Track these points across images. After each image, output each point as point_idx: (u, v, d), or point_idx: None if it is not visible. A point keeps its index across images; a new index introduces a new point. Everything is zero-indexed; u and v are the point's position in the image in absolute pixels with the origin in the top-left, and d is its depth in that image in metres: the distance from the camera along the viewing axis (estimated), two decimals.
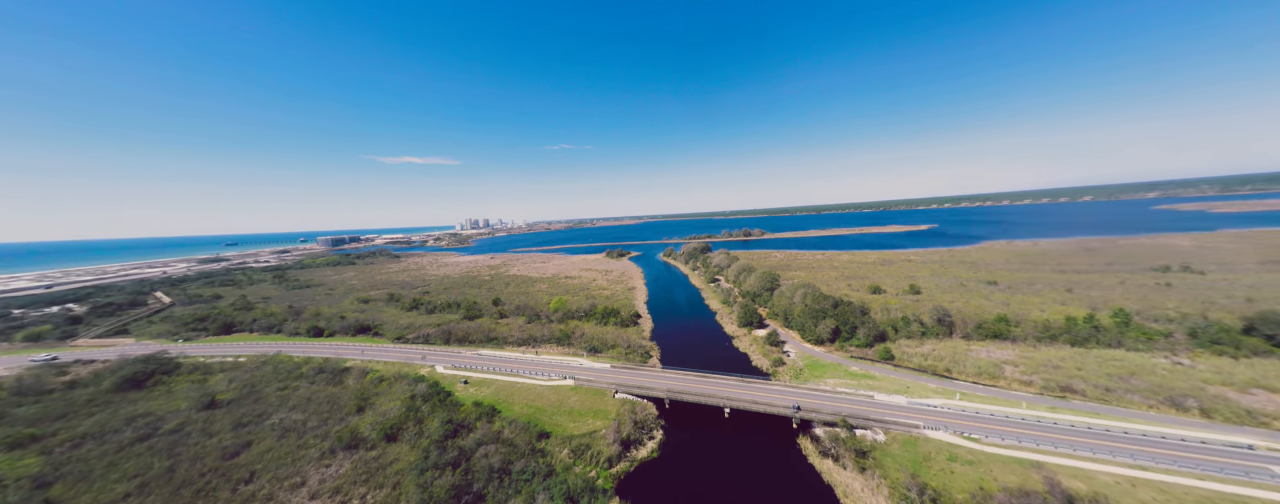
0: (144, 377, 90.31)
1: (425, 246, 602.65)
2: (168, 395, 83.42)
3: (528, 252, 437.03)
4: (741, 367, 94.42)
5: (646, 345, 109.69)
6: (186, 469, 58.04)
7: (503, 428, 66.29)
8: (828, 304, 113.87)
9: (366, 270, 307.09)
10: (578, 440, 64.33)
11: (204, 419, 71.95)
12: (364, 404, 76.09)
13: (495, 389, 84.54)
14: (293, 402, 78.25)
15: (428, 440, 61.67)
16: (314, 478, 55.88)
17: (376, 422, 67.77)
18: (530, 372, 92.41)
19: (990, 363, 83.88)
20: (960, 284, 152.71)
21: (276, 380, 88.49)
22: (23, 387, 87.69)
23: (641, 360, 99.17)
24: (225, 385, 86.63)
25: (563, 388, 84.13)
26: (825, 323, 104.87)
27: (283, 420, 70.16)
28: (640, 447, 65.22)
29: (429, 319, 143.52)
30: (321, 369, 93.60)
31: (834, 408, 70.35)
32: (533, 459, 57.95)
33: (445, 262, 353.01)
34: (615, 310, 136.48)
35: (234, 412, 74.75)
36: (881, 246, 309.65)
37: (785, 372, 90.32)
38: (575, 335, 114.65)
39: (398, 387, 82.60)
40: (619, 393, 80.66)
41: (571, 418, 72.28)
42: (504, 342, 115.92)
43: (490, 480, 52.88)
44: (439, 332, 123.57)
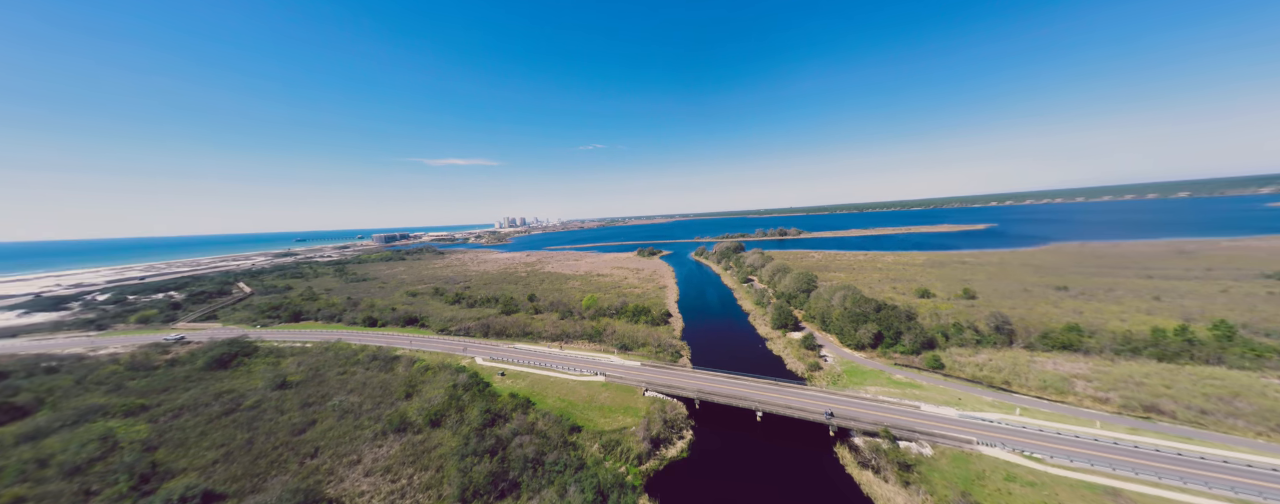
0: (229, 358, 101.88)
1: (467, 244, 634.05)
2: (247, 375, 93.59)
3: (561, 249, 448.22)
4: (775, 370, 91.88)
5: (677, 345, 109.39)
6: (262, 442, 64.96)
7: (537, 420, 68.69)
8: (869, 307, 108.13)
9: (414, 265, 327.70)
10: (608, 436, 65.42)
11: (277, 398, 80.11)
12: (412, 391, 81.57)
13: (530, 382, 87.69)
14: (350, 385, 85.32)
15: (468, 428, 65.09)
16: (368, 457, 60.73)
17: (422, 408, 72.44)
18: (563, 366, 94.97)
19: (1057, 376, 76.21)
20: (1023, 289, 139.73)
21: (337, 365, 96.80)
22: (135, 363, 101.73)
23: (672, 360, 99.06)
24: (294, 368, 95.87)
25: (594, 384, 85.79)
26: (866, 327, 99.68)
27: (342, 402, 76.69)
28: (670, 446, 65.29)
29: (470, 313, 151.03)
30: (375, 357, 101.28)
31: (875, 417, 66.85)
32: (565, 452, 59.65)
33: (485, 258, 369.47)
34: (646, 309, 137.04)
35: (302, 392, 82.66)
36: (931, 247, 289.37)
37: (822, 377, 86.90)
38: (606, 333, 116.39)
39: (441, 376, 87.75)
40: (649, 391, 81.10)
41: (602, 413, 73.59)
42: (538, 336, 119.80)
43: (525, 470, 55.03)
44: (479, 325, 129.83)
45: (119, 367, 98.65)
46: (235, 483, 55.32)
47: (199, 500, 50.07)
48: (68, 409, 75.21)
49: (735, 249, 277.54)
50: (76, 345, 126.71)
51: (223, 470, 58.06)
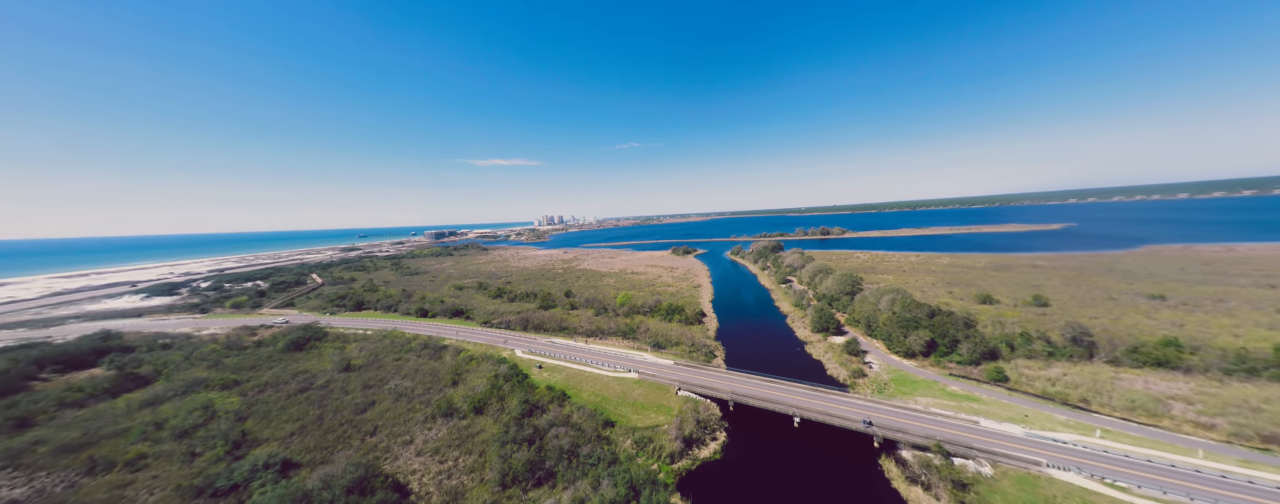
0: (304, 341, 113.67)
1: (508, 241, 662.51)
2: (318, 358, 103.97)
3: (597, 247, 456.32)
4: (814, 375, 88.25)
5: (711, 345, 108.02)
6: (330, 418, 72.01)
7: (572, 413, 70.72)
8: (921, 313, 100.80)
9: (461, 261, 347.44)
10: (640, 433, 66.05)
11: (342, 379, 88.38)
12: (457, 379, 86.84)
13: (566, 376, 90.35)
14: (404, 371, 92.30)
15: (508, 417, 68.32)
16: (419, 438, 65.52)
17: (467, 395, 76.94)
18: (597, 362, 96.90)
19: (1149, 397, 67.12)
20: (1108, 296, 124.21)
21: (393, 352, 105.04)
22: (230, 343, 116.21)
23: (706, 360, 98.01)
24: (357, 353, 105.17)
25: (627, 380, 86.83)
26: (918, 334, 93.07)
27: (397, 386, 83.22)
28: (702, 446, 64.80)
29: (510, 307, 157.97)
30: (426, 345, 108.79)
31: (926, 430, 62.43)
32: (598, 445, 60.99)
33: (524, 255, 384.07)
34: (680, 308, 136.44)
35: (363, 375, 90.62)
36: (995, 248, 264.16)
37: (866, 384, 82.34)
38: (640, 330, 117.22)
39: (484, 366, 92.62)
40: (681, 390, 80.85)
41: (635, 410, 74.39)
42: (574, 332, 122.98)
43: (561, 460, 56.92)
44: (518, 319, 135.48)
45: (217, 345, 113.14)
46: (308, 454, 61.80)
47: (279, 467, 56.46)
48: (178, 381, 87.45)
49: (773, 248, 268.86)
50: (185, 326, 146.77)
51: (298, 442, 65.05)
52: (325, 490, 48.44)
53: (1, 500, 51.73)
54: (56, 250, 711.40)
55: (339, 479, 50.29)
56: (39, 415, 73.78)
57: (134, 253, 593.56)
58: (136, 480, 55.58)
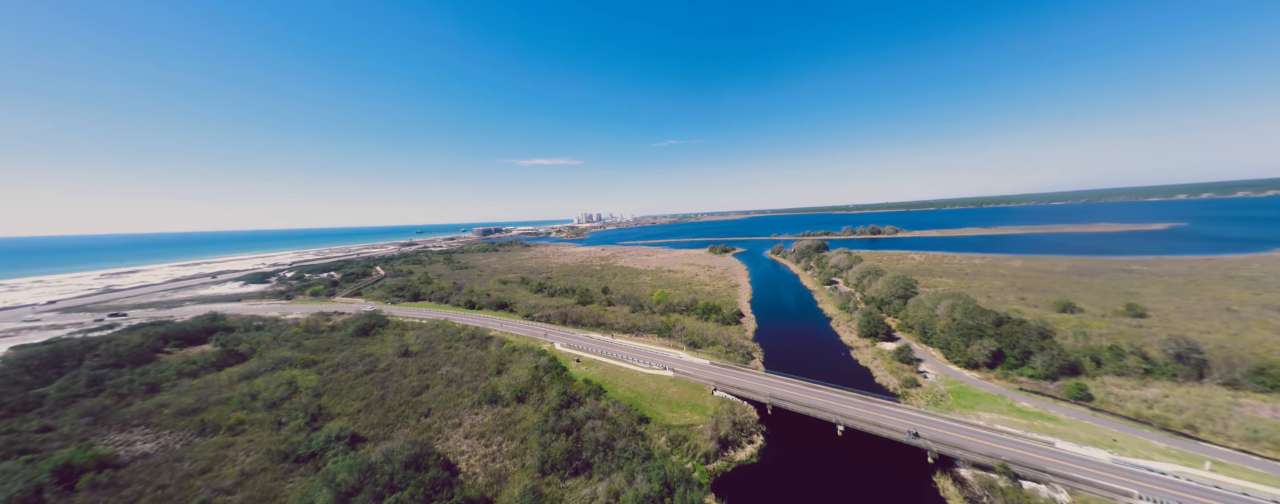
0: (369, 328, 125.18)
1: (549, 238, 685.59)
2: (381, 343, 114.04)
3: (634, 244, 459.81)
4: (861, 382, 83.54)
5: (749, 346, 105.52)
6: (390, 398, 78.90)
7: (608, 407, 72.24)
8: (986, 320, 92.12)
9: (505, 256, 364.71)
10: (675, 431, 66.15)
11: (401, 364, 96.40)
12: (501, 368, 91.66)
13: (602, 370, 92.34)
14: (454, 358, 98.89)
15: (547, 407, 71.13)
16: (467, 421, 70.07)
17: (510, 384, 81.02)
18: (633, 358, 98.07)
19: (1279, 427, 56.79)
20: (1226, 308, 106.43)
21: (444, 341, 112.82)
22: (309, 327, 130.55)
23: (743, 361, 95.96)
24: (414, 340, 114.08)
25: (662, 378, 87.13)
26: (982, 343, 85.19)
27: (448, 373, 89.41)
28: (738, 449, 63.72)
29: (550, 301, 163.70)
30: (473, 335, 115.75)
31: (989, 448, 57.19)
32: (633, 440, 61.87)
33: (564, 252, 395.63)
34: (717, 307, 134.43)
35: (419, 360, 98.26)
36: (1080, 251, 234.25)
37: (920, 395, 76.71)
38: (676, 328, 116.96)
39: (525, 357, 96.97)
40: (717, 390, 79.84)
41: (670, 408, 74.56)
42: (610, 328, 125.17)
43: (596, 452, 58.45)
44: (557, 313, 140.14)
45: (299, 329, 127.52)
46: (372, 429, 68.21)
47: (348, 440, 62.87)
48: (268, 358, 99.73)
49: (817, 248, 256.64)
50: (273, 310, 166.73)
51: (364, 418, 71.97)
52: (386, 464, 53.26)
53: (136, 452, 61.97)
54: (179, 242, 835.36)
55: (398, 454, 55.09)
56: (164, 382, 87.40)
57: (235, 245, 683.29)
58: (236, 443, 64.31)
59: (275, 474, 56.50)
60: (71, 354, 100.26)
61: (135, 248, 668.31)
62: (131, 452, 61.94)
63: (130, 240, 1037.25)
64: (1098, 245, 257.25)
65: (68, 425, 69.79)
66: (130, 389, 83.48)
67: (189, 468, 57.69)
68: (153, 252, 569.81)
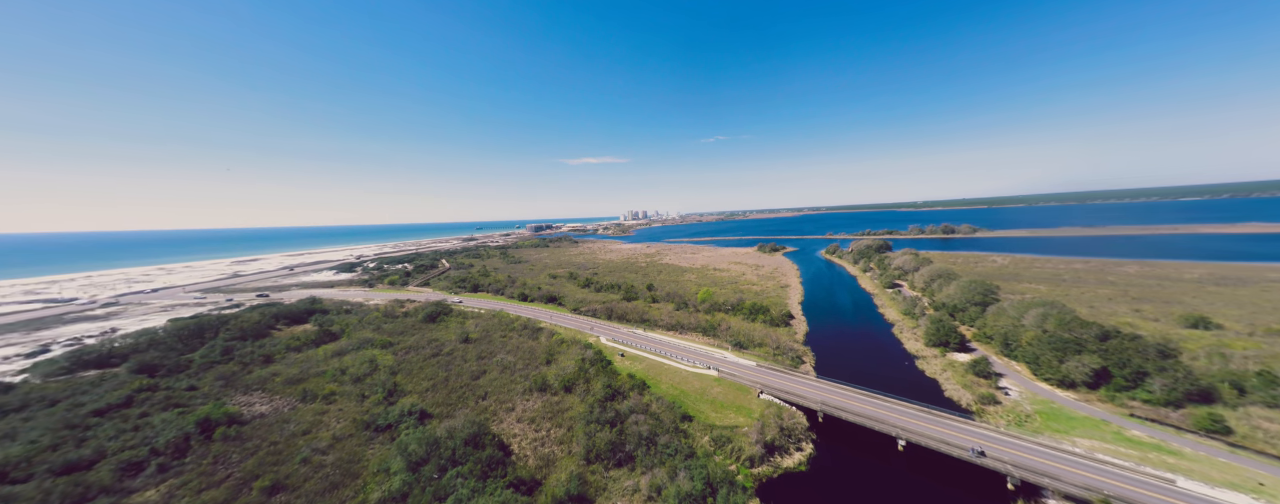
0: (436, 315, 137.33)
1: (596, 235, 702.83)
2: (445, 329, 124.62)
3: (679, 242, 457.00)
4: (927, 395, 76.48)
5: (799, 349, 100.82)
6: (453, 381, 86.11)
7: (651, 402, 72.99)
8: (1088, 333, 79.99)
9: (556, 252, 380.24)
10: (719, 431, 65.25)
11: (462, 349, 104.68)
12: (551, 358, 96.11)
13: (646, 366, 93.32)
14: (509, 347, 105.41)
15: (593, 398, 73.47)
16: (519, 407, 74.55)
17: (558, 374, 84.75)
18: (676, 355, 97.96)
19: None
20: None
21: (500, 330, 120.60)
22: (387, 312, 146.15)
23: (792, 365, 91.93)
24: (473, 328, 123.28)
25: (706, 377, 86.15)
26: (1081, 359, 74.12)
27: (503, 360, 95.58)
28: (785, 455, 61.39)
29: (596, 296, 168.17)
30: (525, 326, 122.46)
31: (1086, 480, 49.88)
32: (676, 437, 62.04)
33: (610, 248, 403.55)
34: (764, 307, 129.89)
35: (477, 347, 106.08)
36: (1219, 256, 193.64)
37: (1000, 413, 68.62)
38: (721, 328, 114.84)
39: (573, 349, 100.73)
40: (764, 394, 77.37)
41: (713, 408, 73.61)
42: (654, 324, 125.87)
43: (639, 445, 59.42)
44: (603, 308, 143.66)
45: (379, 314, 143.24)
46: (437, 407, 75.00)
47: (418, 416, 69.75)
48: (354, 338, 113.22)
49: (878, 248, 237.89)
50: (358, 296, 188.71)
51: (431, 397, 79.32)
52: (449, 439, 58.39)
53: (255, 412, 73.59)
54: (289, 236, 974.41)
55: (459, 432, 60.14)
56: (276, 355, 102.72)
57: (330, 239, 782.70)
58: (329, 411, 74.03)
59: (359, 440, 64.31)
60: (210, 327, 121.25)
61: (255, 240, 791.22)
62: (252, 412, 73.76)
63: (252, 233, 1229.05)
64: (1244, 249, 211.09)
65: (207, 386, 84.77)
66: (251, 359, 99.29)
67: (293, 429, 67.49)
68: (269, 243, 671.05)
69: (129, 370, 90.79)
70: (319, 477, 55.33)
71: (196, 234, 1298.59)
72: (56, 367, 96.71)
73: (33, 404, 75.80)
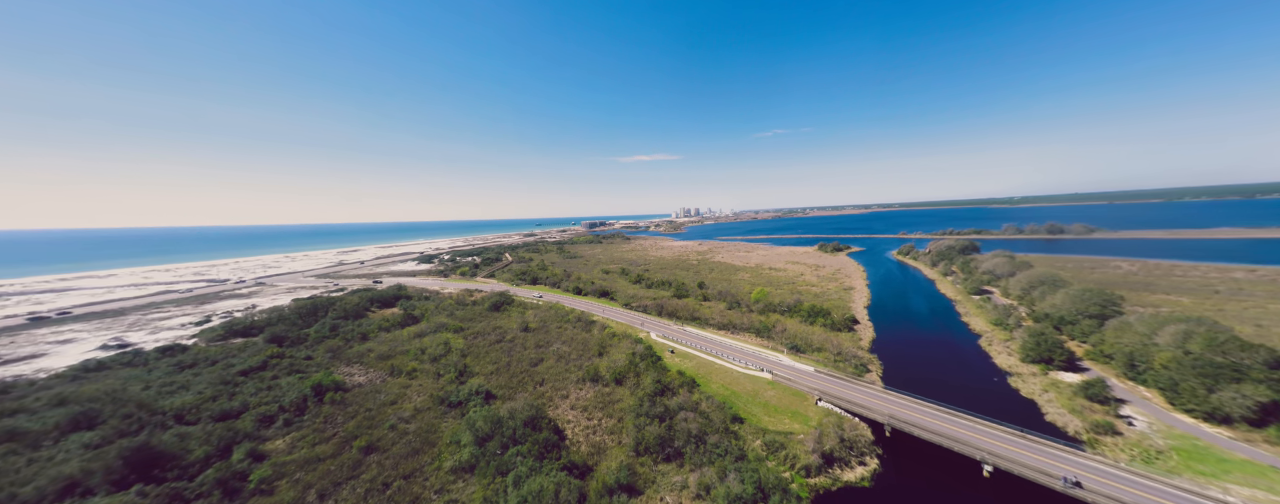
0: (500, 305, 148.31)
1: (648, 232, 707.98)
2: (507, 318, 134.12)
3: (733, 240, 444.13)
4: (1021, 417, 67.01)
5: (863, 357, 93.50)
6: (514, 366, 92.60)
7: (701, 400, 72.42)
8: (1253, 358, 64.42)
9: (608, 248, 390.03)
10: (772, 436, 63.00)
11: (522, 337, 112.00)
12: (602, 351, 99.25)
13: (695, 364, 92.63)
14: (564, 338, 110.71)
15: (642, 392, 74.72)
16: (573, 395, 78.20)
17: (609, 367, 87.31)
18: (727, 355, 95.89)
19: None
20: None
21: (556, 321, 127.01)
22: (458, 300, 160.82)
23: (855, 373, 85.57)
24: (532, 318, 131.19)
25: (759, 379, 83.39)
26: (1241, 389, 60.15)
27: (558, 349, 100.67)
28: (846, 468, 57.58)
29: (647, 293, 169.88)
30: (579, 319, 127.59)
31: None
32: (726, 438, 61.02)
33: (661, 245, 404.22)
34: (825, 310, 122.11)
35: (536, 336, 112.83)
36: None
37: (1121, 447, 58.27)
38: (775, 329, 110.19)
39: (624, 343, 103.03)
40: (822, 401, 73.06)
41: (766, 411, 71.14)
42: (705, 322, 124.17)
43: (688, 443, 59.39)
44: (654, 305, 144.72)
45: (452, 301, 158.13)
46: (500, 389, 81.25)
47: (484, 396, 76.20)
48: (432, 323, 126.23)
49: (963, 249, 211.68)
50: (435, 285, 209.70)
51: (494, 380, 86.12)
52: (511, 420, 63.08)
53: (355, 382, 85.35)
54: (382, 230, 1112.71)
55: (519, 413, 64.71)
56: (371, 333, 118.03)
57: (414, 233, 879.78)
58: (412, 386, 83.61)
59: (435, 414, 71.93)
60: (321, 307, 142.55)
61: (357, 233, 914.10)
62: (352, 381, 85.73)
63: (352, 228, 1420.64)
64: None
65: (319, 357, 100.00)
66: (352, 336, 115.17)
67: (383, 399, 77.32)
68: (367, 236, 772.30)
69: (264, 340, 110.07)
70: (403, 442, 62.95)
71: (312, 228, 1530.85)
72: (215, 334, 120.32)
73: (200, 363, 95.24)
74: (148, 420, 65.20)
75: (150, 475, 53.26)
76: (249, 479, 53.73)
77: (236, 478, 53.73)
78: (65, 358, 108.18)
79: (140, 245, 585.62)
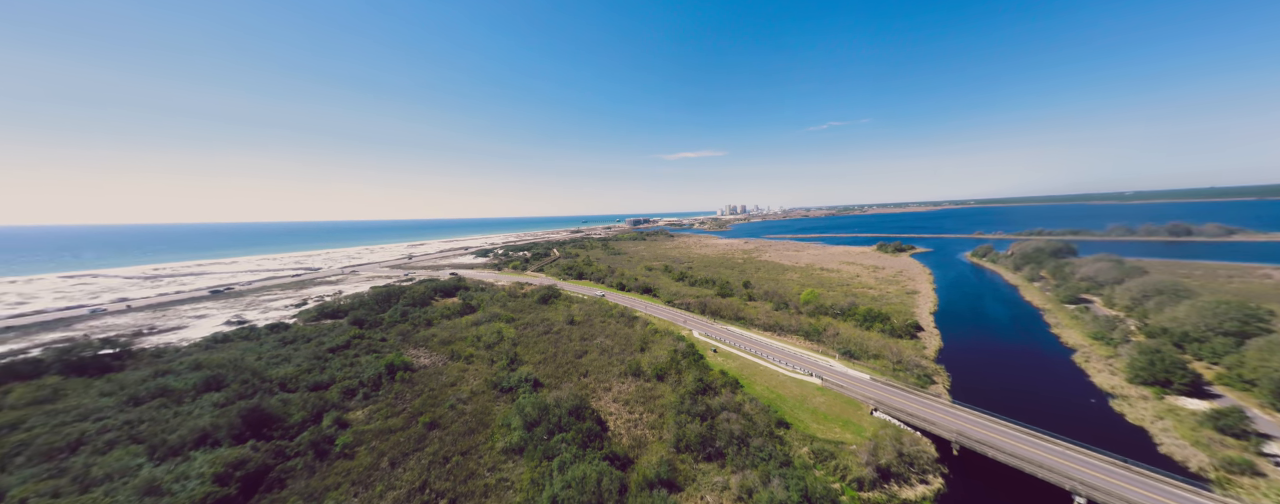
0: (547, 298, 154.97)
1: (691, 229, 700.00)
2: (554, 311, 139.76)
3: (781, 238, 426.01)
4: (1127, 446, 57.96)
5: (928, 367, 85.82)
6: (560, 357, 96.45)
7: (744, 402, 70.73)
8: None
9: (651, 245, 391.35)
10: (820, 444, 60.09)
11: (568, 330, 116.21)
12: (644, 346, 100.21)
13: (739, 364, 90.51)
14: (607, 332, 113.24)
15: (684, 389, 74.54)
16: (615, 388, 79.92)
17: (651, 362, 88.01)
18: (773, 357, 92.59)
19: None
20: None
21: (600, 315, 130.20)
22: (510, 292, 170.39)
23: (918, 383, 78.84)
24: (577, 312, 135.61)
25: (807, 384, 79.71)
26: None
27: (601, 343, 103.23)
28: (906, 485, 53.46)
29: (690, 290, 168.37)
30: (622, 314, 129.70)
31: None
32: (770, 442, 59.16)
33: (705, 243, 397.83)
34: (883, 315, 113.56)
35: (581, 329, 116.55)
36: None
37: (1262, 490, 48.33)
38: (826, 333, 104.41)
39: (665, 340, 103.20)
40: (878, 412, 68.28)
41: (814, 418, 67.92)
42: (750, 323, 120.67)
43: (730, 444, 58.40)
44: (697, 303, 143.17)
45: (504, 293, 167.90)
46: (547, 378, 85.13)
47: (532, 383, 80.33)
48: (487, 312, 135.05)
49: (1055, 252, 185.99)
50: (489, 277, 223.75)
51: (542, 369, 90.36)
52: (556, 408, 65.97)
53: (421, 364, 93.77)
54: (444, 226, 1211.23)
55: (565, 402, 67.45)
56: (434, 320, 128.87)
57: (472, 229, 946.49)
58: (469, 370, 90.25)
59: (489, 397, 77.13)
60: (394, 295, 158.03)
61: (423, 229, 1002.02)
62: (419, 363, 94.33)
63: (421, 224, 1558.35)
64: None
65: (392, 339, 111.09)
66: (419, 321, 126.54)
67: (444, 380, 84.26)
68: (431, 231, 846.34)
69: (348, 322, 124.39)
70: (461, 421, 68.29)
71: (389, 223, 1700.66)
72: (310, 315, 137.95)
73: (298, 339, 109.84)
74: (259, 386, 76.75)
75: (260, 433, 62.70)
76: (335, 443, 61.34)
77: (325, 441, 61.55)
78: (201, 330, 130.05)
79: (256, 238, 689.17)
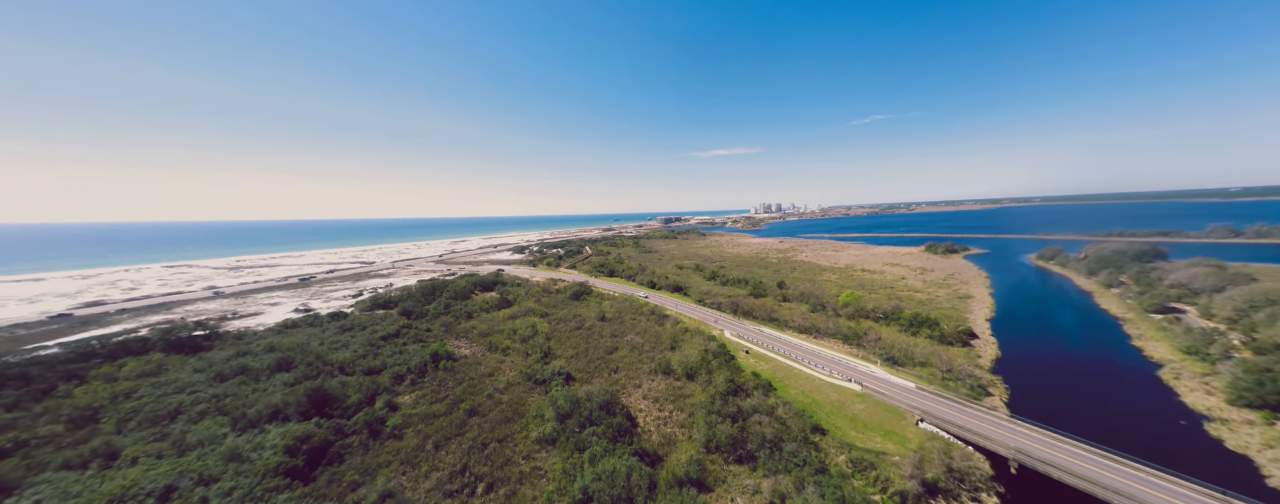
0: (580, 294, 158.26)
1: (724, 228, 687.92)
2: (586, 307, 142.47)
3: (819, 238, 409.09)
4: (1226, 476, 50.94)
5: (983, 377, 79.55)
6: (591, 352, 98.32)
7: (777, 405, 68.94)
8: None
9: (683, 243, 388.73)
10: (859, 453, 57.51)
11: (599, 326, 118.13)
12: (675, 345, 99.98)
13: (772, 367, 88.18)
14: (638, 329, 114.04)
15: (714, 390, 73.71)
16: (645, 385, 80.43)
17: (681, 361, 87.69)
18: (808, 361, 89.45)
19: None
20: None
21: (630, 313, 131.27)
22: (544, 289, 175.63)
23: (971, 395, 73.34)
24: (609, 309, 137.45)
25: (846, 390, 76.38)
26: None
27: (632, 340, 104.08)
28: (955, 503, 50.05)
29: (722, 290, 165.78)
30: (653, 312, 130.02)
31: None
32: (805, 448, 57.35)
33: (739, 242, 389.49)
34: (932, 320, 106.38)
35: (612, 325, 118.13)
36: None
37: None
38: (867, 337, 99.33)
39: (696, 339, 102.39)
40: (924, 422, 64.26)
41: (852, 426, 65.02)
42: (784, 324, 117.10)
43: (762, 447, 57.20)
44: (728, 302, 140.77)
45: (539, 289, 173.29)
46: (579, 373, 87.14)
47: (565, 377, 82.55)
48: (522, 307, 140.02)
49: (1139, 255, 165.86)
50: (525, 273, 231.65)
51: (573, 363, 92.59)
52: (588, 402, 67.47)
53: (462, 354, 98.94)
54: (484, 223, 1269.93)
55: (596, 397, 68.83)
56: (474, 313, 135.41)
57: (509, 227, 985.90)
58: (505, 361, 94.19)
59: (524, 388, 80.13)
60: (438, 288, 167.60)
61: (465, 226, 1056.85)
62: (460, 353, 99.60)
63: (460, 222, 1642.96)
64: None
65: (436, 330, 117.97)
66: (460, 314, 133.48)
67: (483, 371, 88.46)
68: (473, 229, 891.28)
69: (398, 313, 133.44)
70: (498, 410, 71.51)
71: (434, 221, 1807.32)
72: (365, 305, 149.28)
73: (354, 328, 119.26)
74: (322, 369, 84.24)
75: (323, 411, 68.89)
76: (386, 424, 66.25)
77: (378, 422, 66.62)
78: (274, 316, 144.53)
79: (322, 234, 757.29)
